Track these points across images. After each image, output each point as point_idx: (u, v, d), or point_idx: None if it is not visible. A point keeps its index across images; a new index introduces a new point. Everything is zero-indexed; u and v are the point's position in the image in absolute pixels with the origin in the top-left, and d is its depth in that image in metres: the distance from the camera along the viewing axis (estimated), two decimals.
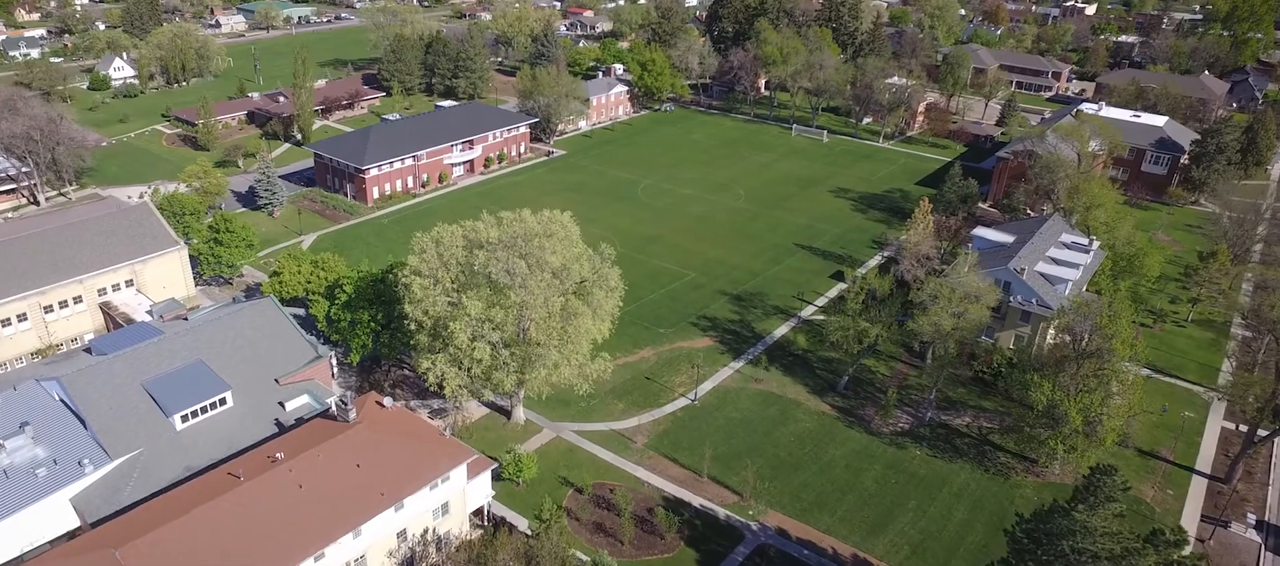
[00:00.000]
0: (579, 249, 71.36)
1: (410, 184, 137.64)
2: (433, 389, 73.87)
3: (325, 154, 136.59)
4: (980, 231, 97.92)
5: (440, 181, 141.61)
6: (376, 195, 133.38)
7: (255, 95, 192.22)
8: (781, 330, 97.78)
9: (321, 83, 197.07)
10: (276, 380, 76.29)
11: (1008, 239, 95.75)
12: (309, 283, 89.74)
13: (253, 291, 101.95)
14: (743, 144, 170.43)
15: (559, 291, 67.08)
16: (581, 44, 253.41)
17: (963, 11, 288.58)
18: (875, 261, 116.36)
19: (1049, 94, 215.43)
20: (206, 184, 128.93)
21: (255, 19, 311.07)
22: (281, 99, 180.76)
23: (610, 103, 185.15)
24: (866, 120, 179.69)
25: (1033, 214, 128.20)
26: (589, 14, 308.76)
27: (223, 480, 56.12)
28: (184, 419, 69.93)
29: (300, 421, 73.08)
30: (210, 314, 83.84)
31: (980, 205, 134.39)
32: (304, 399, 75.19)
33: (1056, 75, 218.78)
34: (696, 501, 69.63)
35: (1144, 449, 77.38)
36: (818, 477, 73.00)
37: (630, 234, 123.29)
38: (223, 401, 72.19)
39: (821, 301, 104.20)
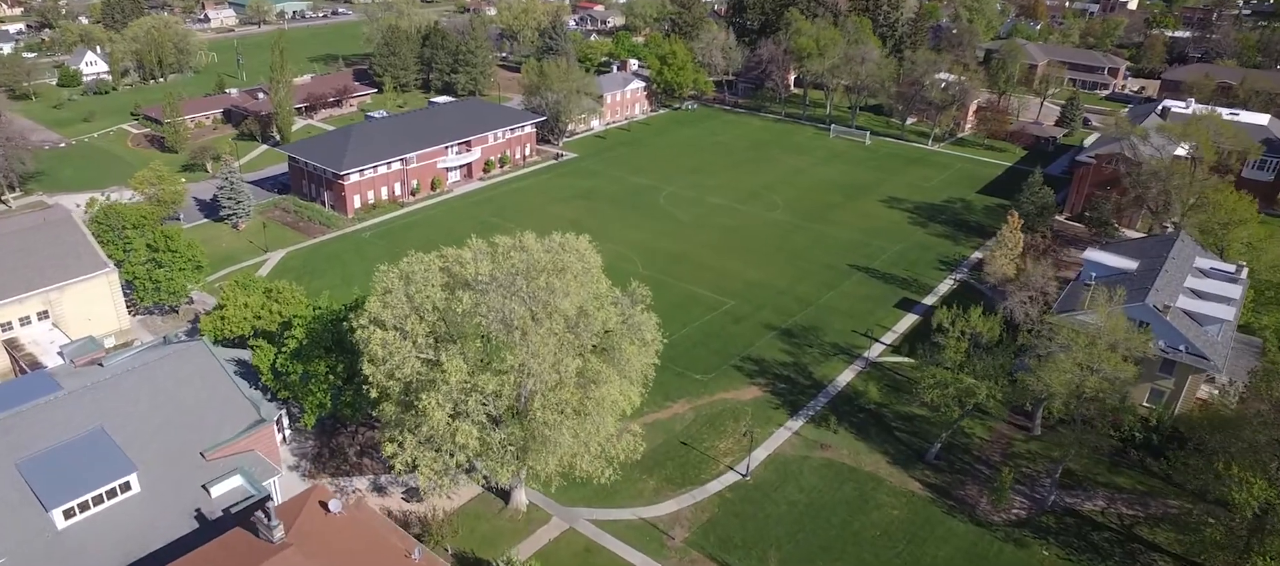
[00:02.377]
0: (601, 287, 52.87)
1: (397, 191, 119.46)
2: (400, 476, 55.46)
3: (300, 157, 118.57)
4: (1094, 255, 78.99)
5: (433, 189, 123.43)
6: (358, 205, 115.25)
7: (233, 91, 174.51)
8: (846, 376, 79.14)
9: (306, 78, 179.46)
10: (202, 454, 58.16)
11: (1129, 264, 76.88)
12: (258, 319, 71.49)
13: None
14: (774, 146, 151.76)
15: (574, 348, 48.55)
16: (592, 38, 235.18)
17: (999, 5, 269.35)
18: (946, 286, 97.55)
19: (1106, 92, 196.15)
20: (162, 191, 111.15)
21: (247, 13, 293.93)
22: (261, 96, 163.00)
23: (626, 100, 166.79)
24: (910, 120, 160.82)
25: (1130, 232, 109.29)
26: (599, 7, 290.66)
27: None
28: (68, 514, 52.07)
29: (228, 516, 54.95)
30: (129, 360, 65.71)
31: (1056, 217, 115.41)
32: (236, 481, 56.95)
33: (1113, 71, 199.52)
34: None
35: None
36: None
37: (652, 251, 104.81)
38: (126, 487, 54.29)
39: (891, 338, 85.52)
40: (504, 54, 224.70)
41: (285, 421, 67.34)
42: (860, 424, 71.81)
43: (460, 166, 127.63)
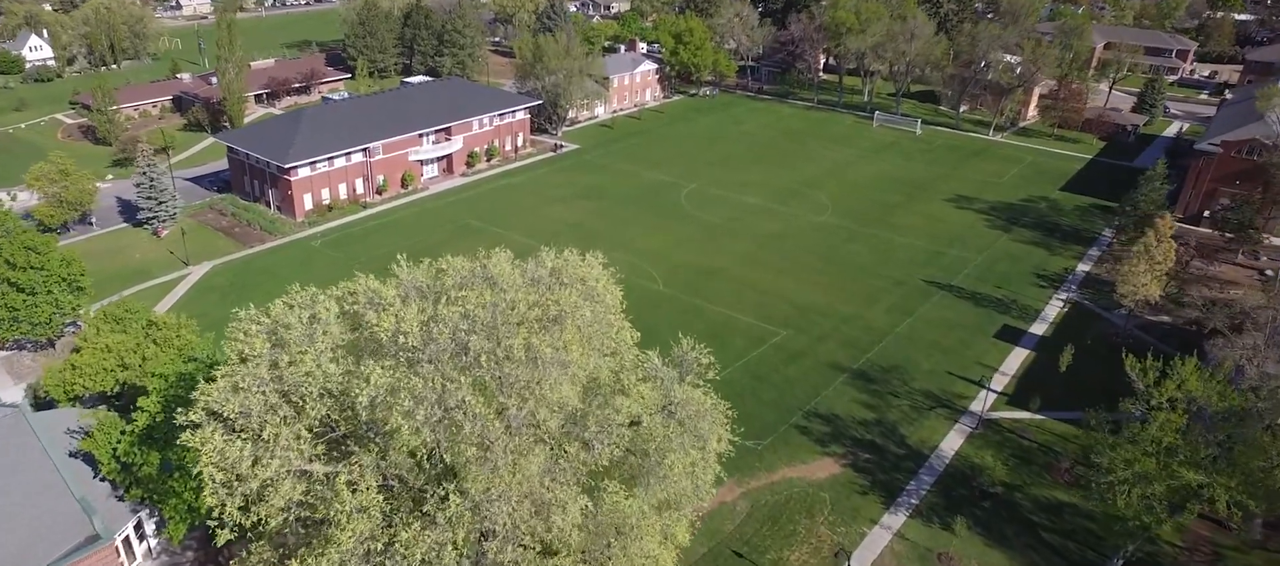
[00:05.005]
0: (624, 347, 30.99)
1: (359, 189, 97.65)
2: None
3: (240, 148, 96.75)
4: None
5: (404, 186, 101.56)
6: (309, 205, 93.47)
7: (186, 76, 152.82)
8: (951, 440, 57.35)
9: (269, 61, 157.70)
10: None
11: None
12: (124, 368, 49.85)
13: None
14: (810, 137, 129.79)
15: (576, 472, 26.64)
16: (595, 21, 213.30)
17: None
18: (1055, 308, 75.68)
19: (1174, 77, 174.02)
20: (66, 190, 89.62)
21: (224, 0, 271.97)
22: (215, 80, 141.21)
23: (635, 84, 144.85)
24: (963, 109, 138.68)
25: (1276, 239, 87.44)
26: None
27: None
28: None
29: None
30: None
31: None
32: None
33: (1181, 54, 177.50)
34: None
35: None
36: None
37: (675, 264, 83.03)
38: None
39: (1001, 381, 63.65)
40: (497, 38, 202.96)
41: (149, 529, 45.48)
42: (988, 519, 49.96)
43: (438, 159, 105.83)
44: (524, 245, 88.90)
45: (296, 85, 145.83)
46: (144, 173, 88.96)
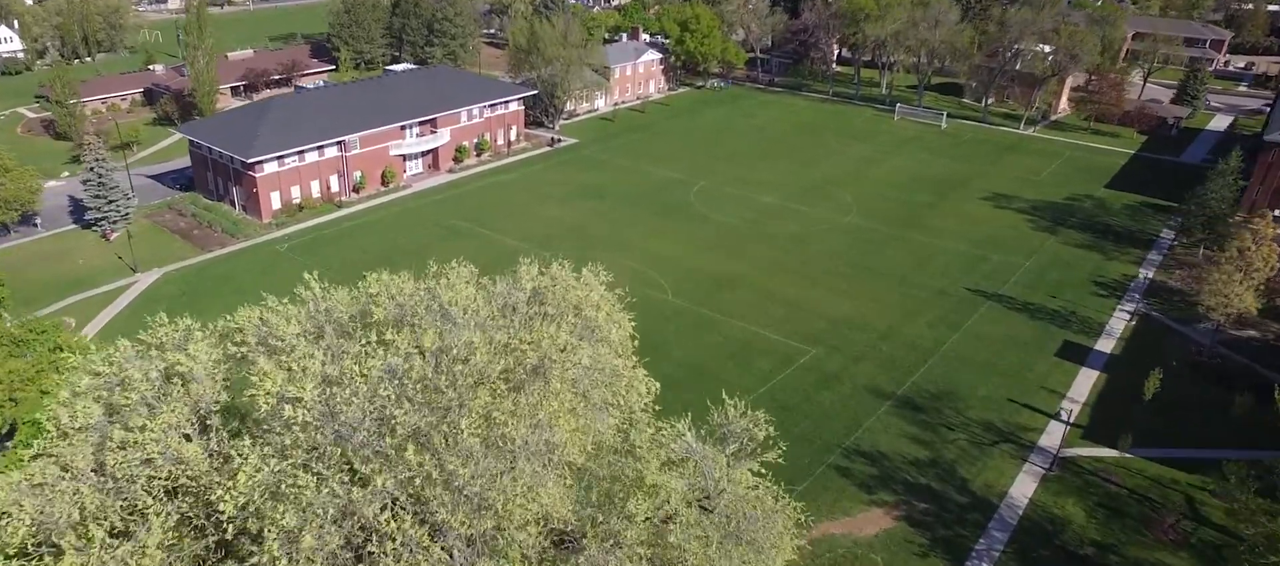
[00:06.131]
0: (637, 404, 21.34)
1: (334, 187, 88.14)
2: None
3: (202, 141, 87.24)
4: None
5: (384, 183, 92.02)
6: (277, 204, 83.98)
7: (159, 68, 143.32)
8: (1021, 484, 47.87)
9: (248, 52, 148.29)
10: None
11: None
12: (12, 409, 40.39)
13: None
14: (828, 131, 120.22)
15: None
16: (596, 10, 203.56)
17: None
18: (1121, 321, 66.17)
19: (1210, 68, 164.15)
20: (5, 188, 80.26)
21: None
22: (187, 71, 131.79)
23: (638, 74, 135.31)
24: (989, 101, 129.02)
25: None
26: None
27: None
28: None
29: None
30: None
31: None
32: None
33: (1215, 44, 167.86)
34: None
35: None
36: None
37: (687, 270, 73.50)
38: None
39: (1070, 409, 54.12)
40: (492, 30, 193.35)
41: None
42: None
43: (422, 154, 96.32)
44: (516, 250, 79.35)
45: (276, 77, 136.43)
46: (92, 169, 79.51)
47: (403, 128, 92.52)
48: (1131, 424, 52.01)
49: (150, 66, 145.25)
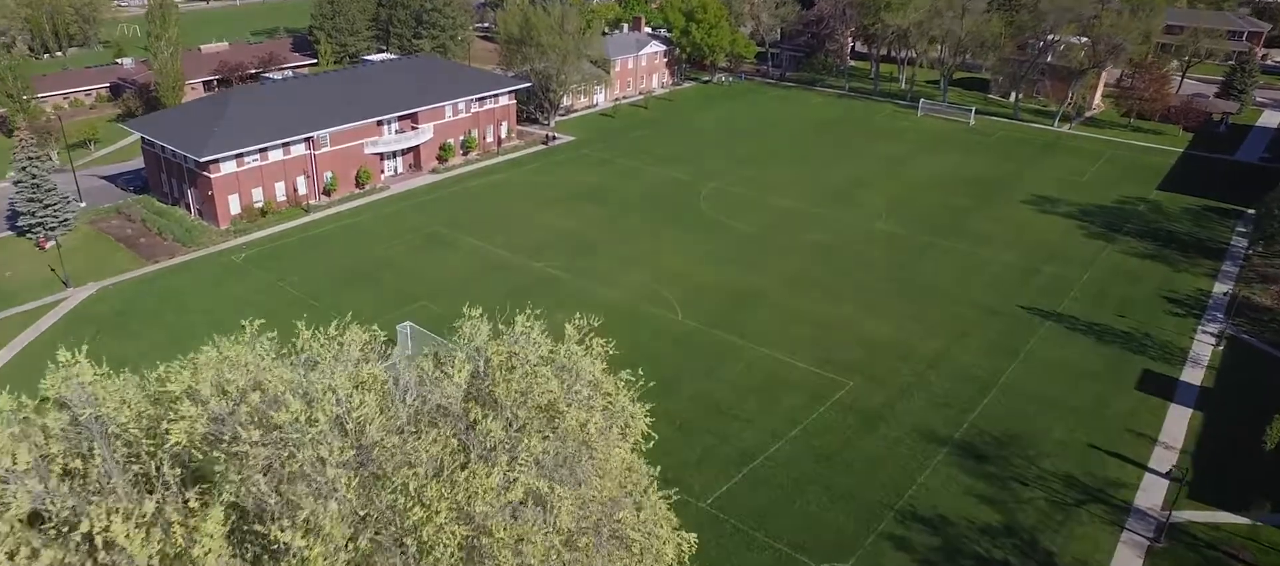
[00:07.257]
0: None
1: (301, 189, 78.75)
2: None
3: (154, 137, 77.91)
4: None
5: (359, 185, 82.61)
6: (235, 209, 74.57)
7: (127, 61, 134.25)
8: (1124, 561, 38.46)
9: (222, 44, 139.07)
10: None
11: None
12: None
13: None
14: (848, 128, 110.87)
15: None
16: (595, 3, 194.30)
17: None
18: (1206, 347, 56.79)
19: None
20: None
21: None
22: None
23: (641, 68, 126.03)
24: (1019, 96, 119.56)
25: None
26: None
27: None
28: None
29: None
30: None
31: None
32: None
33: (1253, 37, 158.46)
34: None
35: None
36: None
37: (698, 285, 64.12)
38: None
39: (1168, 458, 44.68)
40: (486, 24, 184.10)
41: None
42: None
43: (402, 152, 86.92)
44: (505, 260, 70.20)
45: (253, 71, 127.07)
46: (24, 169, 70.22)
47: (380, 123, 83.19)
48: (1255, 481, 42.64)
49: (118, 60, 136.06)
